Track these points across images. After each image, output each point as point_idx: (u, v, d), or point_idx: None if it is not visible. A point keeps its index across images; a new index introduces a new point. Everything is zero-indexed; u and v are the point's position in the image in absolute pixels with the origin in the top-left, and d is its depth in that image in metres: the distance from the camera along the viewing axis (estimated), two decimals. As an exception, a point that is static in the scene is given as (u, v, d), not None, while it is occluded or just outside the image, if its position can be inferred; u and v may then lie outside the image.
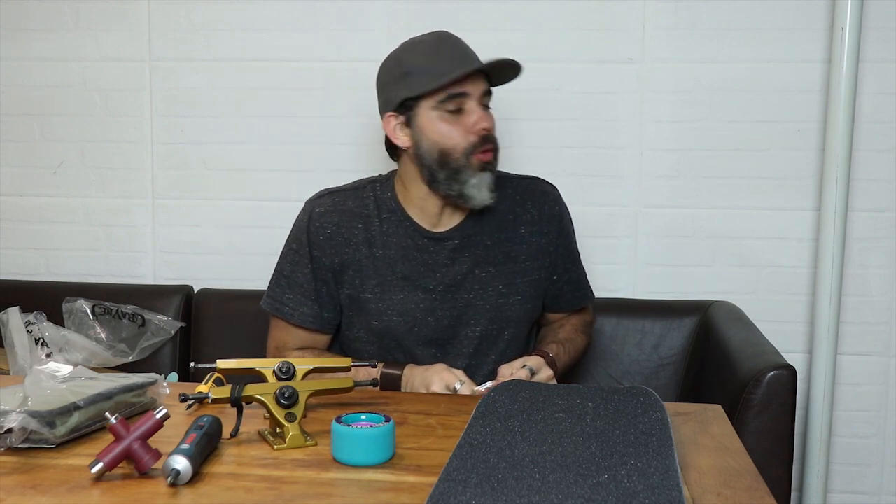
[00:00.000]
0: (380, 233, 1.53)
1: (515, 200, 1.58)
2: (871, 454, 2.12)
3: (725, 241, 2.11)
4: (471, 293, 1.54)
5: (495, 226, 1.56)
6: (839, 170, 1.96)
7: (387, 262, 1.53)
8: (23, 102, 2.27)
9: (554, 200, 1.61)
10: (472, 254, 1.54)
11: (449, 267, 1.53)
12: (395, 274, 1.53)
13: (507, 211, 1.57)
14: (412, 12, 2.13)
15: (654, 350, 1.99)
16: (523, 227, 1.57)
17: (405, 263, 1.53)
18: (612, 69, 2.10)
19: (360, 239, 1.53)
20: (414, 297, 1.53)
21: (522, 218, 1.57)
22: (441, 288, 1.53)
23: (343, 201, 1.55)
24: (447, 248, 1.53)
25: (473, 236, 1.54)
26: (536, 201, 1.59)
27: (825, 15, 2.01)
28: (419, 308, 1.53)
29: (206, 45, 2.20)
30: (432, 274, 1.53)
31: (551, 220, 1.59)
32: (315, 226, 1.54)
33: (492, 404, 1.15)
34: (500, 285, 1.55)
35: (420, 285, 1.53)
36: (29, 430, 1.02)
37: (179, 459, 0.93)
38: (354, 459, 1.01)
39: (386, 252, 1.53)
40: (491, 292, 1.55)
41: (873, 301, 2.09)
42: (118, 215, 2.28)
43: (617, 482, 0.89)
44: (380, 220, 1.54)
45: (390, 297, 1.53)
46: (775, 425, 1.49)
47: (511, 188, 1.58)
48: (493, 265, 1.55)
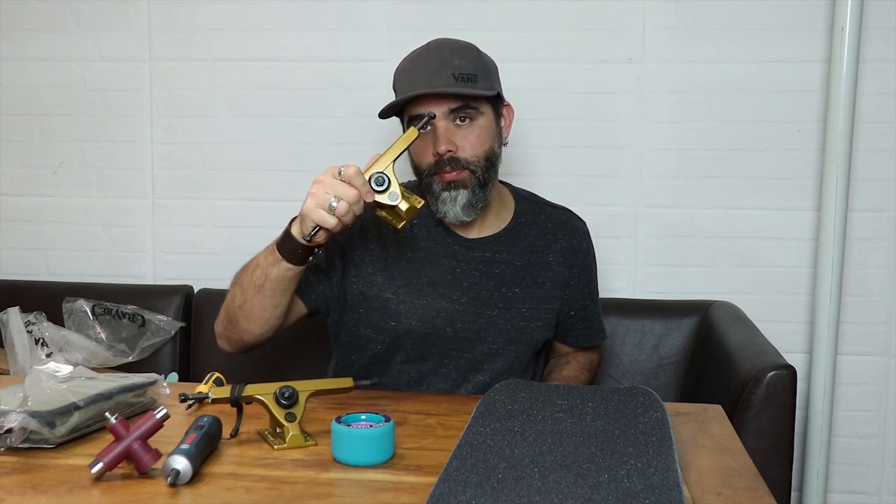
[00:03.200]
0: (408, 236, 1.51)
1: (547, 228, 1.58)
2: (871, 454, 2.12)
3: (725, 241, 2.11)
4: (494, 310, 1.51)
5: (526, 248, 1.55)
6: (839, 170, 1.96)
7: (414, 264, 1.51)
8: (23, 102, 2.27)
9: (583, 236, 1.62)
10: (502, 271, 1.52)
11: (476, 279, 1.51)
12: (421, 278, 1.50)
13: (538, 236, 1.57)
14: (412, 12, 2.13)
15: (654, 350, 1.99)
16: (552, 255, 1.56)
17: (432, 269, 1.51)
18: (612, 69, 2.10)
19: (387, 239, 1.51)
20: (437, 304, 1.50)
21: (552, 247, 1.57)
22: (465, 300, 1.50)
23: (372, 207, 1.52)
24: (477, 259, 1.52)
25: (504, 253, 1.53)
26: (567, 233, 1.59)
27: (825, 15, 2.01)
28: (440, 317, 1.50)
29: (206, 45, 2.20)
30: (459, 283, 1.50)
31: (578, 255, 1.59)
32: None
33: (492, 404, 1.15)
34: (524, 308, 1.53)
35: (444, 294, 1.50)
36: (29, 430, 1.02)
37: (179, 459, 0.93)
38: (354, 459, 1.01)
39: (415, 255, 1.51)
40: (514, 313, 1.52)
41: (873, 301, 2.09)
42: (118, 215, 2.28)
43: (617, 482, 0.89)
44: (411, 223, 1.46)
45: (413, 301, 1.50)
46: (775, 425, 1.49)
47: (545, 215, 1.60)
48: (519, 286, 1.53)
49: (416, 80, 1.43)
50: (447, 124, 1.43)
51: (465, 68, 1.43)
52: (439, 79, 1.41)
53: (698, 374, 1.88)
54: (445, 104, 1.41)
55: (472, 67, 1.44)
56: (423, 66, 1.44)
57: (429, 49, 1.48)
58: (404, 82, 1.46)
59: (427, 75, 1.42)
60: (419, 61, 1.46)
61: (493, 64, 1.52)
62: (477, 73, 1.43)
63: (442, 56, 1.44)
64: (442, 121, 1.42)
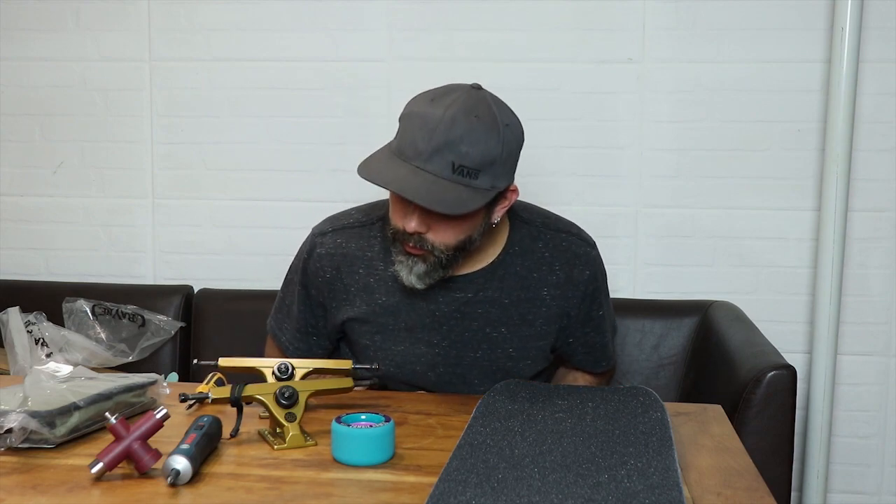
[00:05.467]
0: (384, 277, 1.40)
1: (544, 259, 1.42)
2: (871, 454, 2.12)
3: (725, 241, 2.11)
4: (478, 352, 1.41)
5: (515, 284, 1.40)
6: (839, 170, 1.96)
7: (389, 310, 1.40)
8: (23, 102, 2.27)
9: (586, 264, 1.44)
10: (486, 311, 1.40)
11: (458, 321, 1.40)
12: (398, 324, 1.41)
13: (532, 268, 1.41)
14: (412, 12, 2.13)
15: (654, 350, 1.99)
16: (546, 289, 1.42)
17: (409, 313, 1.40)
18: (612, 69, 2.10)
19: (361, 285, 1.41)
20: (416, 350, 1.41)
21: (548, 279, 1.42)
22: (446, 343, 1.40)
23: (346, 242, 1.43)
24: (458, 300, 1.39)
25: (490, 291, 1.39)
26: (566, 263, 1.43)
27: (825, 15, 2.01)
28: (419, 362, 1.42)
29: (206, 45, 2.20)
30: (438, 328, 1.40)
31: (577, 286, 1.43)
32: (315, 266, 1.44)
33: (492, 404, 1.15)
34: (511, 349, 1.42)
35: (423, 338, 1.40)
36: (29, 430, 1.02)
37: (179, 459, 0.93)
38: (354, 459, 1.01)
39: (389, 299, 1.40)
40: (500, 353, 1.42)
41: (873, 301, 2.09)
42: (118, 215, 2.28)
43: (617, 482, 0.89)
44: (384, 263, 1.39)
45: (390, 348, 1.42)
46: (775, 425, 1.49)
47: (542, 242, 1.43)
48: (506, 326, 1.41)
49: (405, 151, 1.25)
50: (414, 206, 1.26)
51: (471, 159, 1.22)
52: (433, 164, 1.22)
53: (698, 374, 1.88)
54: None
55: (480, 160, 1.23)
56: (427, 136, 1.22)
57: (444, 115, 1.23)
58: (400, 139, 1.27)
59: (424, 154, 1.22)
60: (427, 123, 1.23)
61: (516, 144, 1.31)
62: (481, 169, 1.23)
63: (453, 133, 1.22)
64: None
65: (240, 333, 2.05)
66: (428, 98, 1.28)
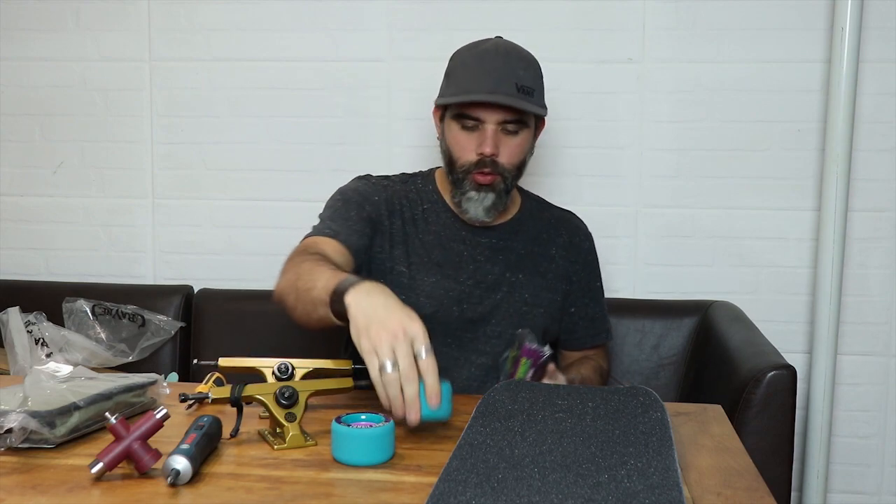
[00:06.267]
0: (421, 218, 1.57)
1: (551, 223, 1.64)
2: (871, 454, 2.12)
3: (725, 241, 2.11)
4: (499, 294, 1.56)
5: (530, 238, 1.60)
6: (839, 170, 1.96)
7: (424, 245, 1.55)
8: (23, 102, 2.27)
9: (585, 237, 1.67)
10: (507, 257, 1.58)
11: (482, 264, 1.56)
12: (431, 259, 1.55)
13: (542, 230, 1.62)
14: (412, 12, 2.13)
15: (654, 350, 1.99)
16: (554, 248, 1.62)
17: (441, 251, 1.55)
18: (612, 69, 2.10)
19: (407, 216, 1.56)
20: (444, 284, 1.54)
21: (555, 240, 1.63)
22: (472, 282, 1.55)
23: (391, 184, 1.59)
24: (483, 245, 1.57)
25: (509, 241, 1.59)
26: (569, 231, 1.65)
27: (825, 15, 2.01)
28: (447, 296, 1.54)
29: (206, 45, 2.20)
30: (465, 267, 1.56)
31: (580, 252, 1.65)
32: (368, 185, 1.57)
33: (492, 404, 1.15)
34: (527, 294, 1.58)
35: (452, 276, 1.55)
36: (29, 430, 1.02)
37: (179, 459, 0.93)
38: (354, 459, 1.01)
39: (425, 237, 1.56)
40: (517, 298, 1.57)
41: (873, 301, 2.09)
42: (118, 215, 2.28)
43: (617, 482, 0.89)
44: (422, 208, 1.57)
45: (422, 278, 1.54)
46: (775, 425, 1.49)
47: (549, 213, 1.66)
48: (523, 272, 1.58)
49: (479, 81, 1.44)
50: (496, 129, 1.45)
51: (528, 80, 1.45)
52: (503, 86, 1.43)
53: (698, 374, 1.88)
54: (502, 114, 1.44)
55: (533, 81, 1.47)
56: (489, 68, 1.44)
57: (497, 50, 1.47)
58: (465, 79, 1.47)
59: (492, 79, 1.43)
60: (484, 60, 1.46)
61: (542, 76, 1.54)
62: (535, 89, 1.47)
63: (509, 62, 1.45)
64: (492, 125, 1.45)
65: (240, 333, 2.05)
66: (468, 48, 1.51)
